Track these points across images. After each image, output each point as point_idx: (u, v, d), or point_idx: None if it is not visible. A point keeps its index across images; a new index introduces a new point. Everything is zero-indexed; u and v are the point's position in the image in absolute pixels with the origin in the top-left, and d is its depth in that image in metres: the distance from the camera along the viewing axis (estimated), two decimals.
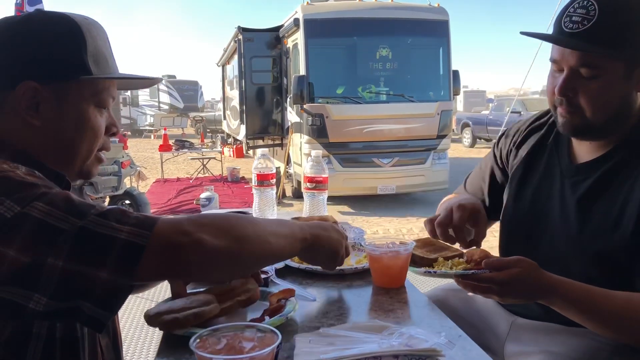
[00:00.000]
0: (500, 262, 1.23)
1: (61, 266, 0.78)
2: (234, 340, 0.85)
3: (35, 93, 0.97)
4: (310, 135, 8.33)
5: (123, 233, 0.82)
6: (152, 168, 13.57)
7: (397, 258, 1.37)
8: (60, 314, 0.82)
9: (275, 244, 1.02)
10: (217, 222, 0.93)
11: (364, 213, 8.35)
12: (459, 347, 1.03)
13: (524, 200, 1.51)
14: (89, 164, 1.08)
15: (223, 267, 0.93)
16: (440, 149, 8.91)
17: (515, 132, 1.64)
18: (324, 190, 1.99)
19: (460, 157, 15.47)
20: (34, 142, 1.00)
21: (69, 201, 0.84)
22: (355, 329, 1.07)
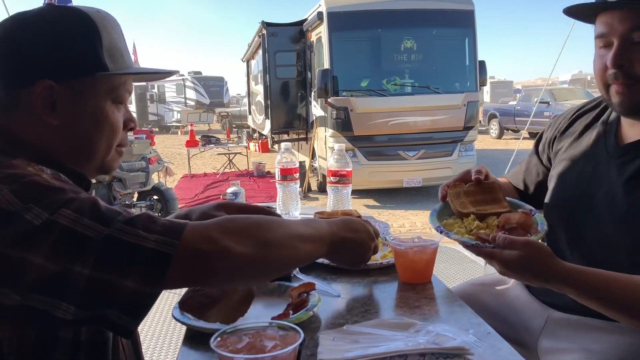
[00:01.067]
0: (508, 241, 1.16)
1: (88, 275, 0.77)
2: (256, 338, 0.83)
3: (52, 92, 0.95)
4: (335, 128, 8.29)
5: (150, 242, 0.81)
6: (180, 164, 13.69)
7: (423, 253, 1.34)
8: (87, 321, 0.82)
9: (301, 249, 0.99)
10: (244, 228, 0.91)
11: (390, 206, 8.29)
12: (489, 345, 0.99)
13: (568, 184, 1.45)
14: (109, 159, 1.06)
15: (249, 273, 0.92)
16: (467, 140, 8.79)
17: (560, 120, 1.60)
18: (347, 184, 1.96)
19: (488, 149, 15.26)
20: (53, 142, 0.98)
21: (96, 208, 0.83)
22: (381, 326, 1.05)
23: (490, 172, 1.75)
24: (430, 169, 8.55)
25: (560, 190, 1.49)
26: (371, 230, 1.21)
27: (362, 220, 1.23)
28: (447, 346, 0.92)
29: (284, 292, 1.28)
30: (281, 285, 1.31)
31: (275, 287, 1.31)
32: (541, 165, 1.64)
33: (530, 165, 1.68)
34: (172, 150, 17.21)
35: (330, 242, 1.08)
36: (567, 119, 1.57)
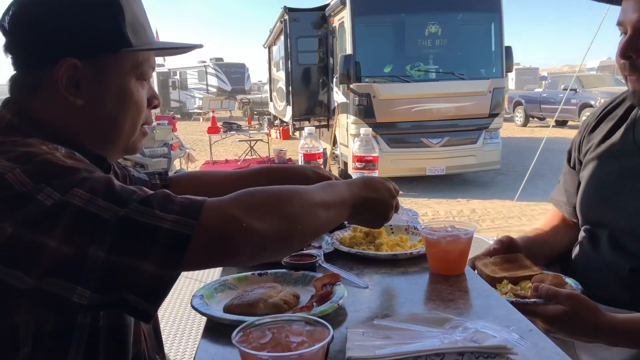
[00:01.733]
0: (551, 292, 1.14)
1: (103, 258, 0.75)
2: (281, 334, 0.76)
3: (76, 71, 0.92)
4: (357, 115, 8.20)
5: (167, 222, 0.78)
6: (201, 150, 13.73)
7: (457, 242, 1.26)
8: (105, 305, 0.80)
9: (324, 217, 0.96)
10: (265, 203, 0.88)
11: (412, 195, 8.19)
12: (532, 344, 0.91)
13: (599, 184, 1.42)
14: (134, 139, 1.04)
15: (275, 250, 0.90)
16: (492, 128, 8.64)
17: (590, 119, 1.54)
18: (374, 170, 1.88)
19: (513, 137, 15.00)
20: (76, 122, 0.95)
21: (110, 187, 0.80)
22: (414, 321, 0.97)
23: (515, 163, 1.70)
24: (454, 156, 8.43)
25: (589, 191, 1.45)
26: (391, 188, 1.17)
27: (381, 178, 1.20)
28: (488, 345, 0.85)
29: (308, 283, 1.22)
30: (305, 275, 1.24)
31: (299, 277, 1.25)
32: (576, 174, 1.57)
33: (566, 177, 1.62)
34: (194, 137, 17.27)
35: (352, 205, 1.05)
36: (594, 117, 1.52)
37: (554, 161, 9.73)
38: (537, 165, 5.83)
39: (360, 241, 1.46)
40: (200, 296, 1.14)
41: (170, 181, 1.38)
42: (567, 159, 1.62)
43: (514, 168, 9.88)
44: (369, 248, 1.42)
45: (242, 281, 1.24)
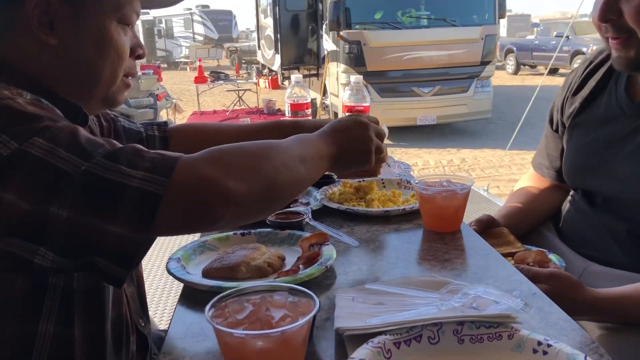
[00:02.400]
0: (532, 274, 1.07)
1: (66, 217, 0.68)
2: (261, 307, 0.68)
3: (49, 7, 0.84)
4: (347, 63, 8.01)
5: (135, 180, 0.70)
6: (188, 100, 13.47)
7: (453, 198, 1.17)
8: (72, 269, 0.75)
9: (304, 171, 0.89)
10: (243, 159, 0.80)
11: (403, 145, 8.09)
12: (536, 310, 0.84)
13: (584, 151, 1.35)
14: (114, 90, 0.95)
15: (255, 211, 0.82)
16: (484, 76, 8.52)
17: (570, 80, 1.44)
18: None
19: (504, 85, 14.83)
20: (49, 66, 0.87)
21: (75, 138, 0.72)
22: (408, 285, 0.90)
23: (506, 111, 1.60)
24: (445, 106, 8.33)
25: (575, 158, 1.38)
26: (364, 120, 1.06)
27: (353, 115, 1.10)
28: (490, 314, 0.77)
29: (295, 243, 1.14)
30: (292, 234, 1.16)
31: (285, 236, 1.16)
32: (559, 138, 1.48)
33: (549, 141, 1.52)
34: (181, 87, 16.93)
35: (329, 155, 0.97)
36: (578, 77, 1.41)
37: (545, 110, 9.60)
38: (527, 114, 5.72)
39: (350, 197, 1.37)
40: (177, 259, 1.06)
41: (170, 133, 1.30)
42: (549, 121, 1.53)
43: (505, 117, 9.77)
44: (359, 204, 1.34)
45: (224, 241, 1.16)
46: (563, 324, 0.82)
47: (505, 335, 0.74)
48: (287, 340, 0.64)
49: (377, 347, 0.72)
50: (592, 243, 1.32)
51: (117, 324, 0.95)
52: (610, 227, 1.27)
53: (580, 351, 0.69)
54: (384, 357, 0.72)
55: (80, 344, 0.86)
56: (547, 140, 1.53)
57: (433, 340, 0.76)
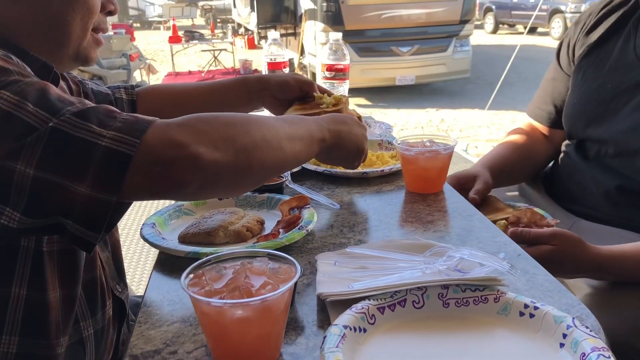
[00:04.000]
0: (533, 235, 1.07)
1: (32, 175, 0.65)
2: (240, 274, 0.65)
3: None
4: (325, 22, 7.86)
5: (105, 139, 0.66)
6: (163, 61, 13.17)
7: (435, 159, 1.15)
8: (39, 230, 0.71)
9: (289, 150, 0.83)
10: (219, 128, 0.75)
11: (382, 105, 8.05)
12: (522, 272, 0.83)
13: (589, 94, 1.30)
14: (85, 46, 0.91)
15: (227, 183, 0.76)
16: (463, 35, 8.44)
17: (585, 18, 1.39)
18: (344, 79, 1.73)
19: (482, 45, 14.76)
20: (16, 23, 0.84)
21: (44, 94, 0.69)
22: (391, 248, 0.87)
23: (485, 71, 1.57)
24: (424, 65, 8.26)
25: (581, 102, 1.34)
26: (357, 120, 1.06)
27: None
28: (475, 276, 0.75)
29: (274, 207, 1.10)
30: (271, 198, 1.13)
31: (264, 200, 1.13)
32: (568, 78, 1.43)
33: (557, 83, 1.47)
34: (155, 47, 16.51)
35: (321, 139, 0.92)
36: (593, 17, 1.37)
37: (523, 69, 9.62)
38: (506, 74, 5.71)
39: None
40: (151, 224, 1.02)
41: (137, 95, 1.26)
42: (556, 61, 1.48)
43: (484, 76, 9.75)
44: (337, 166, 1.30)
45: (200, 206, 1.12)
46: (549, 286, 0.80)
47: (491, 299, 0.73)
48: (267, 309, 0.61)
49: (360, 313, 0.70)
50: (581, 199, 1.32)
51: (90, 287, 0.93)
52: (601, 181, 1.26)
53: (567, 312, 0.68)
54: (367, 323, 0.70)
55: (53, 306, 0.84)
56: (553, 83, 1.48)
57: (418, 304, 0.74)
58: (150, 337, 0.72)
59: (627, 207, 1.22)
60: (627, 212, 1.22)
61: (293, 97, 1.26)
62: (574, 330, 0.64)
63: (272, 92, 1.25)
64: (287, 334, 0.70)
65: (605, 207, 1.26)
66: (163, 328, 0.74)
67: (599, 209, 1.27)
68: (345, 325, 0.67)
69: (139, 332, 0.73)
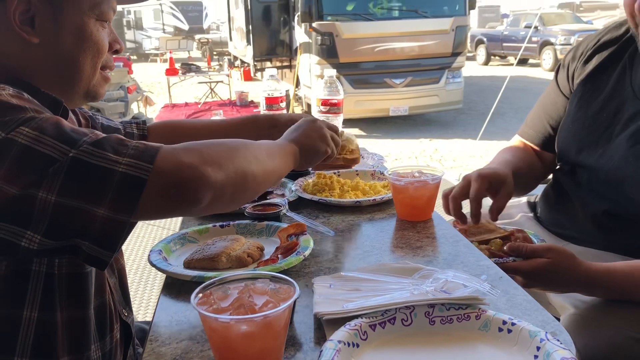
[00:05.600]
0: (529, 249, 1.13)
1: (54, 201, 0.71)
2: (244, 294, 0.72)
3: (29, 6, 0.87)
4: (320, 55, 8.02)
5: (121, 165, 0.73)
6: (160, 93, 13.32)
7: (424, 188, 1.22)
8: (57, 252, 0.77)
9: (272, 165, 0.97)
10: (219, 151, 0.85)
11: (376, 135, 8.16)
12: (503, 292, 0.90)
13: (583, 122, 1.37)
14: (95, 83, 0.99)
15: (229, 197, 0.85)
16: (455, 67, 8.61)
17: (583, 48, 1.46)
18: (339, 113, 1.82)
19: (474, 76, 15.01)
20: (31, 62, 0.91)
21: (59, 127, 0.75)
22: (382, 271, 0.95)
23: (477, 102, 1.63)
24: (417, 96, 8.41)
25: (575, 128, 1.40)
26: (310, 117, 1.20)
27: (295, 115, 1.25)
28: (459, 296, 0.82)
29: (273, 234, 1.17)
30: (269, 225, 1.20)
31: (263, 227, 1.20)
32: (566, 100, 1.50)
33: (557, 106, 1.53)
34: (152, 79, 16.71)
35: (292, 152, 1.06)
36: (591, 47, 1.44)
37: (515, 100, 9.80)
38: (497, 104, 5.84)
39: (323, 187, 1.41)
40: (158, 251, 1.09)
41: (148, 130, 1.34)
42: (555, 84, 1.53)
43: (476, 107, 9.92)
44: (332, 195, 1.38)
45: (203, 234, 1.19)
46: (527, 305, 0.87)
47: (473, 316, 0.80)
48: (269, 324, 0.68)
49: (353, 329, 0.76)
50: (569, 223, 1.37)
51: (100, 311, 0.98)
52: (589, 205, 1.32)
53: (542, 328, 0.75)
54: (360, 339, 0.76)
55: (63, 329, 0.89)
56: (551, 105, 1.53)
57: (406, 322, 0.81)
58: (161, 353, 0.78)
59: (613, 231, 1.28)
60: (613, 236, 1.28)
61: None
62: (547, 343, 0.71)
63: (282, 129, 1.32)
64: (286, 350, 0.77)
65: (592, 230, 1.31)
66: (172, 345, 0.80)
67: (586, 233, 1.33)
68: (339, 340, 0.73)
69: (151, 349, 0.79)
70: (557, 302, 1.26)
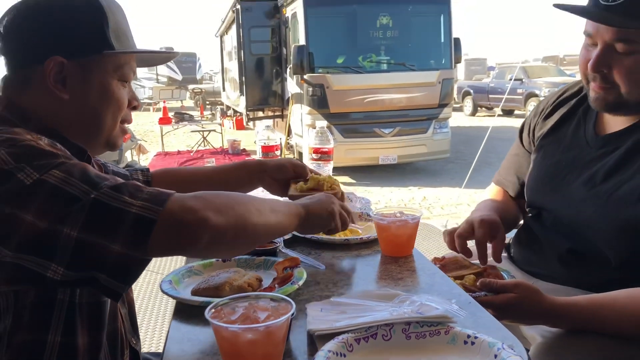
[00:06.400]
0: (499, 285, 1.25)
1: (76, 236, 0.81)
2: (249, 310, 0.86)
3: (62, 68, 1.01)
4: (311, 106, 8.28)
5: (135, 207, 0.84)
6: (153, 141, 13.53)
7: (405, 227, 1.37)
8: (77, 282, 0.86)
9: (274, 220, 1.05)
10: (223, 200, 0.96)
11: (366, 183, 8.35)
12: (470, 314, 1.04)
13: (546, 171, 1.53)
14: (114, 134, 1.13)
15: (228, 243, 0.95)
16: (442, 117, 8.87)
17: (544, 105, 1.65)
18: (329, 161, 1.99)
19: (462, 126, 15.40)
20: (61, 116, 1.04)
21: (85, 172, 0.87)
22: (366, 297, 1.08)
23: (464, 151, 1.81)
24: (405, 146, 8.62)
25: (539, 176, 1.56)
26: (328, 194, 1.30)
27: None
28: (431, 315, 0.96)
29: (270, 267, 1.31)
30: (267, 260, 1.34)
31: (261, 262, 1.34)
32: (529, 155, 1.68)
33: (520, 159, 1.72)
34: (145, 128, 16.99)
35: (297, 214, 1.15)
36: (549, 105, 1.62)
37: (501, 149, 10.07)
38: (484, 153, 6.08)
39: None
40: (169, 281, 1.22)
41: (152, 177, 1.48)
42: (519, 139, 1.72)
43: (463, 156, 10.19)
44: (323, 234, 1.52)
45: (207, 267, 1.32)
46: (491, 325, 1.02)
47: (443, 332, 0.94)
48: (271, 334, 0.81)
49: (341, 342, 0.90)
50: (538, 261, 1.51)
51: (112, 337, 1.09)
52: (555, 245, 1.45)
53: (500, 342, 0.89)
54: (347, 350, 0.90)
55: (81, 352, 1.00)
56: (517, 158, 1.72)
57: (386, 337, 0.94)
58: None
59: (577, 268, 1.41)
60: (577, 272, 1.40)
61: (288, 178, 1.50)
62: (502, 352, 0.85)
63: (270, 173, 1.49)
64: None
65: (559, 268, 1.44)
66: (186, 357, 0.93)
67: (553, 270, 1.45)
68: (329, 350, 0.87)
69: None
70: (528, 334, 1.39)
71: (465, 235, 1.51)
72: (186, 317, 1.09)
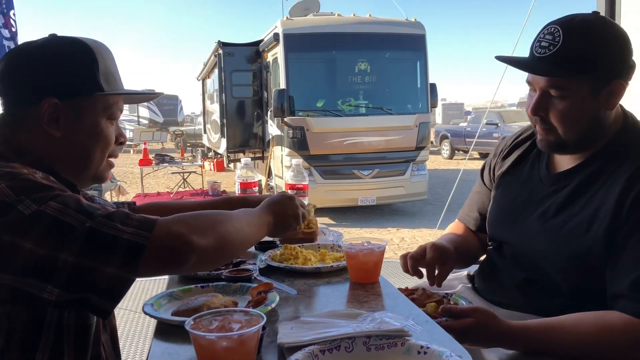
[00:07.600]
0: (459, 310, 1.36)
1: (72, 261, 0.90)
2: (224, 322, 0.95)
3: (56, 108, 1.12)
4: (291, 147, 8.44)
5: (126, 234, 0.94)
6: (132, 182, 13.55)
7: (371, 254, 1.48)
8: (70, 303, 0.94)
9: (250, 233, 1.19)
10: (203, 222, 1.06)
11: (345, 224, 8.46)
12: (426, 330, 1.14)
13: (505, 207, 1.66)
14: (102, 169, 1.22)
15: (212, 259, 1.08)
16: (419, 160, 9.08)
17: (503, 146, 1.80)
18: (304, 196, 2.10)
19: (440, 169, 15.69)
20: (54, 152, 1.13)
21: (80, 203, 0.97)
22: (333, 316, 1.18)
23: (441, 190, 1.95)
24: (384, 187, 8.79)
25: (498, 211, 1.69)
26: (289, 194, 1.45)
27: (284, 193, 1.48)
28: (389, 329, 1.07)
29: (245, 292, 1.41)
30: (242, 286, 1.43)
31: (237, 287, 1.43)
32: (489, 192, 1.82)
33: (482, 196, 1.86)
34: (125, 169, 16.98)
35: (267, 222, 1.30)
36: (507, 146, 1.78)
37: None
38: (458, 195, 6.24)
39: (289, 257, 1.66)
40: (151, 304, 1.31)
41: (138, 210, 1.58)
42: (480, 178, 1.87)
43: (441, 198, 10.38)
44: (296, 262, 1.63)
45: (187, 292, 1.41)
46: (444, 339, 1.12)
47: (399, 344, 1.04)
48: (244, 342, 0.91)
49: (308, 353, 1.00)
50: (499, 290, 1.62)
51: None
52: (513, 275, 1.56)
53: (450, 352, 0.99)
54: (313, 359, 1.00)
55: None
56: (479, 195, 1.86)
57: (349, 349, 1.04)
58: None
59: (533, 296, 1.52)
60: (533, 300, 1.51)
61: None
62: (450, 358, 0.95)
63: None
64: None
65: (517, 296, 1.55)
66: None
67: (512, 298, 1.56)
68: (297, 358, 0.97)
69: None
70: (488, 357, 1.49)
71: (417, 258, 1.65)
72: (167, 336, 1.18)
